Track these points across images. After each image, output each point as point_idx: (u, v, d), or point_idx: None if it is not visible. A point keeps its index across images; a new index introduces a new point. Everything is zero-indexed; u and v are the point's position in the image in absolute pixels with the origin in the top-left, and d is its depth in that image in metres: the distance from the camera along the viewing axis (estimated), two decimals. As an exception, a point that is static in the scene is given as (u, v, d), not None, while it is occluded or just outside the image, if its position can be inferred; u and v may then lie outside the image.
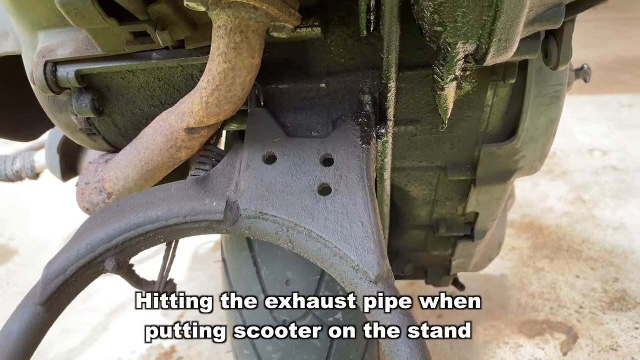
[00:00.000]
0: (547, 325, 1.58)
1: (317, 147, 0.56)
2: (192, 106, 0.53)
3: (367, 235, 0.53)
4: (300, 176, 0.55)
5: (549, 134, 0.69)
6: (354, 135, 0.55)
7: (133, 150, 0.62)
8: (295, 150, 0.56)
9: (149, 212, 0.57)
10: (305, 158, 0.55)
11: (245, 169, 0.57)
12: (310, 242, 0.54)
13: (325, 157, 0.55)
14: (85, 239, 0.60)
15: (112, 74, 0.61)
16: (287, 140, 0.57)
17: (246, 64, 0.50)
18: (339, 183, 0.54)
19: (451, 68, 0.48)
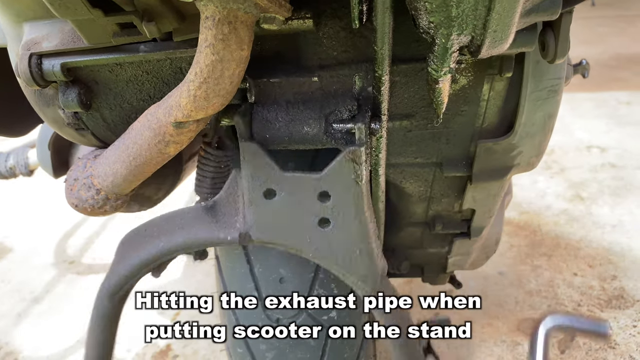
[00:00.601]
0: (544, 324, 1.57)
1: (314, 185, 0.60)
2: (180, 100, 0.52)
3: (363, 260, 0.65)
4: (300, 211, 0.62)
5: (546, 130, 0.68)
6: (348, 172, 0.59)
7: (121, 145, 0.61)
8: (292, 187, 0.61)
9: (173, 239, 0.70)
10: (303, 195, 0.61)
11: (249, 204, 0.63)
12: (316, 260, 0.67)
13: (321, 193, 0.60)
14: (126, 263, 0.77)
15: (99, 67, 0.59)
16: (283, 177, 0.61)
17: (235, 56, 0.48)
18: (336, 218, 0.62)
19: (445, 61, 0.47)
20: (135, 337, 1.66)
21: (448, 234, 0.96)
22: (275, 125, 0.60)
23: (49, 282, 1.98)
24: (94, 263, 2.06)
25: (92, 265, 2.05)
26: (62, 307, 1.83)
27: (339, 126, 0.59)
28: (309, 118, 0.59)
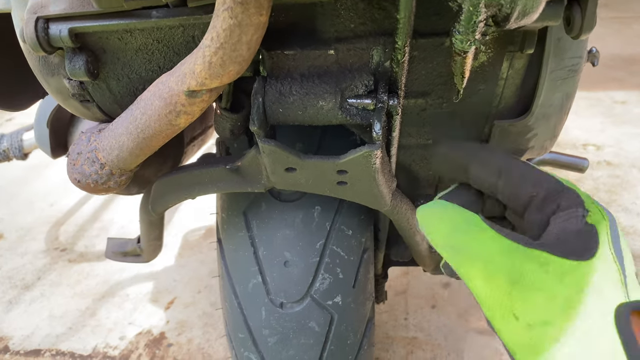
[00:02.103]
0: (542, 318, 1.56)
1: (333, 166, 0.61)
2: (194, 66, 0.50)
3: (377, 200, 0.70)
4: (320, 179, 0.65)
5: (563, 111, 0.67)
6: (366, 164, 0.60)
7: (129, 116, 0.59)
8: (312, 167, 0.62)
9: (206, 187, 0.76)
10: (323, 172, 0.63)
11: (271, 173, 0.66)
12: None
13: (340, 170, 0.62)
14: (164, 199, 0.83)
15: (108, 34, 0.57)
16: (303, 162, 0.62)
17: (253, 20, 0.46)
18: (353, 183, 0.64)
19: (472, 31, 0.45)
20: (128, 325, 1.64)
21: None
22: (290, 99, 0.58)
23: (40, 269, 1.95)
24: (86, 251, 2.03)
25: (84, 253, 2.02)
26: (53, 295, 1.81)
27: (354, 101, 0.58)
28: (324, 92, 0.58)
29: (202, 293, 1.75)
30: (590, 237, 0.42)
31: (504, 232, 0.45)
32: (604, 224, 0.43)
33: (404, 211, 0.76)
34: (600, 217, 0.44)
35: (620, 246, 0.43)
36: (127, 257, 1.02)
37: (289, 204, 0.82)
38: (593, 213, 0.44)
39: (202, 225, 2.12)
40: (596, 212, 0.44)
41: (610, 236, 0.43)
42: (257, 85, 0.58)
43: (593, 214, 0.44)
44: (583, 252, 0.41)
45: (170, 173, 0.76)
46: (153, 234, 0.93)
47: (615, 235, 0.43)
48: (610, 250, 0.42)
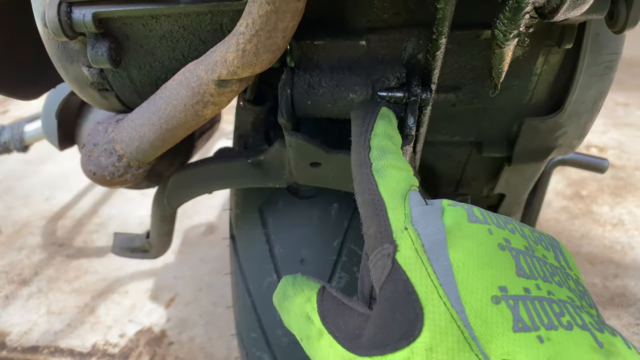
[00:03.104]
0: (547, 319, 1.55)
1: None
2: (227, 54, 0.47)
3: None
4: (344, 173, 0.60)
5: (594, 109, 0.65)
6: None
7: (152, 106, 0.56)
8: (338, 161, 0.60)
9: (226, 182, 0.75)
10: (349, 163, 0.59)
11: (295, 168, 0.63)
12: None
13: None
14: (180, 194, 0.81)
15: (132, 20, 0.54)
16: (329, 156, 0.59)
17: (291, 7, 0.44)
18: None
19: (517, 22, 0.44)
20: (128, 322, 1.61)
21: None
22: (319, 91, 0.56)
23: (38, 264, 1.91)
24: (84, 246, 2.00)
25: (82, 249, 1.99)
26: (51, 291, 1.77)
27: (386, 94, 0.55)
28: (354, 84, 0.56)
29: (203, 291, 1.72)
30: (406, 292, 0.32)
31: (341, 331, 0.35)
32: (412, 253, 0.33)
33: None
34: (409, 247, 0.34)
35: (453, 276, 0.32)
36: (135, 253, 0.99)
37: (306, 200, 0.80)
38: (402, 243, 0.34)
39: (203, 221, 2.09)
40: (405, 239, 0.34)
41: (433, 270, 0.32)
42: (285, 77, 0.56)
43: (402, 244, 0.34)
44: (407, 329, 0.31)
45: (188, 167, 0.74)
46: (164, 229, 0.91)
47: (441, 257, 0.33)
48: (440, 300, 0.30)
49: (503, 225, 0.37)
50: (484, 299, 0.30)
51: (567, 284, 0.34)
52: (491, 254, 0.33)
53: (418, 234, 0.34)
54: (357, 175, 0.43)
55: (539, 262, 0.35)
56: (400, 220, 0.36)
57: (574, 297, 0.33)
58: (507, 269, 0.32)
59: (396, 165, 0.43)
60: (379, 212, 0.37)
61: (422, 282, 0.31)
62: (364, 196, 0.40)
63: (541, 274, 0.33)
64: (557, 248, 0.39)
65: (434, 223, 0.35)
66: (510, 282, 0.31)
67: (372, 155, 0.43)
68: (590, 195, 2.17)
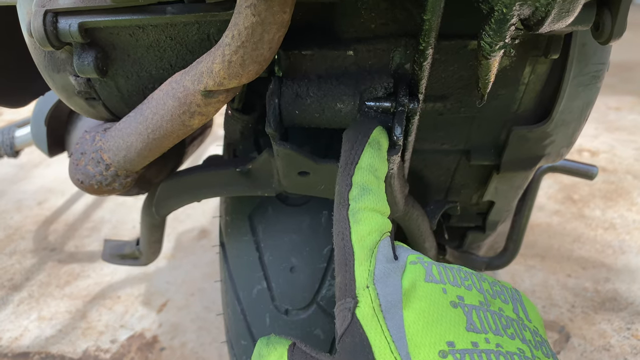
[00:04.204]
0: (539, 324, 1.56)
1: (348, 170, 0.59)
2: (213, 65, 0.47)
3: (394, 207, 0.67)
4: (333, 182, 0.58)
5: (582, 118, 0.65)
6: None
7: (139, 116, 0.56)
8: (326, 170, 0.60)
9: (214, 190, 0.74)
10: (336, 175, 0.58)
11: (283, 177, 0.64)
12: None
13: None
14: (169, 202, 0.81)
15: (119, 30, 0.54)
16: (318, 166, 0.60)
17: (277, 19, 0.44)
18: None
19: (502, 34, 0.44)
20: (120, 328, 1.61)
21: (461, 227, 0.93)
22: (306, 100, 0.56)
23: (29, 269, 1.91)
24: (76, 251, 1.99)
25: (74, 253, 1.98)
26: (43, 296, 1.77)
27: (373, 104, 0.56)
28: (342, 94, 0.56)
29: (195, 296, 1.72)
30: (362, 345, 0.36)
31: None
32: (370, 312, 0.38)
33: (415, 217, 0.74)
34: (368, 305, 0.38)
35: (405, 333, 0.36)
36: (125, 260, 0.99)
37: (296, 208, 0.80)
38: (362, 301, 0.39)
39: (195, 226, 2.09)
40: (366, 297, 0.39)
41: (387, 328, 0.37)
42: (273, 86, 0.56)
43: (362, 302, 0.39)
44: None
45: (177, 175, 0.74)
46: (154, 237, 0.90)
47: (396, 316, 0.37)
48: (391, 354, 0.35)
49: (460, 282, 0.40)
50: (432, 354, 0.33)
51: (521, 336, 0.37)
52: (442, 311, 0.36)
53: (377, 294, 0.39)
54: (336, 213, 0.47)
55: (493, 315, 0.38)
56: (363, 277, 0.40)
57: (526, 348, 0.36)
58: (457, 325, 0.36)
59: (373, 208, 0.45)
60: (347, 263, 0.42)
61: (377, 338, 0.36)
62: (338, 241, 0.44)
63: (493, 328, 0.36)
64: (517, 300, 0.42)
65: (393, 283, 0.39)
66: (459, 337, 0.35)
67: (351, 194, 0.46)
68: (582, 199, 2.18)
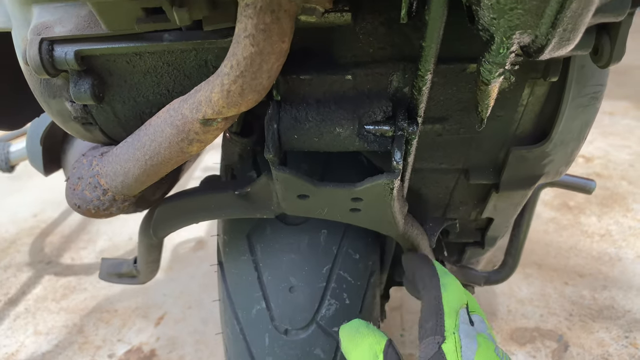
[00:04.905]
0: (537, 333, 1.56)
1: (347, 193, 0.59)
2: (212, 94, 0.47)
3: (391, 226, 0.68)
4: (333, 205, 0.63)
5: (580, 138, 0.65)
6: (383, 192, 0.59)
7: (136, 142, 0.56)
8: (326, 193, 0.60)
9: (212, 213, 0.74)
10: (337, 198, 0.61)
11: (282, 200, 0.64)
12: None
13: (355, 197, 0.60)
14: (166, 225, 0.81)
15: (116, 57, 0.54)
16: (317, 189, 0.60)
17: (275, 48, 0.44)
18: (367, 210, 0.63)
19: (502, 61, 0.44)
20: (117, 342, 1.60)
21: (460, 242, 0.93)
22: (305, 125, 0.56)
23: (25, 282, 1.89)
24: (73, 263, 1.98)
25: (71, 266, 1.97)
26: (39, 310, 1.75)
27: (372, 128, 0.55)
28: (341, 118, 0.55)
29: (193, 309, 1.71)
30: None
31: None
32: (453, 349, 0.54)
33: (414, 236, 0.74)
34: (452, 344, 0.54)
35: None
36: (123, 279, 0.98)
37: (294, 227, 0.80)
38: (448, 340, 0.55)
39: (193, 237, 2.08)
40: (451, 340, 0.55)
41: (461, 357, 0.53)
42: (272, 111, 0.56)
43: (448, 341, 0.55)
44: None
45: (174, 198, 0.74)
46: (152, 257, 0.90)
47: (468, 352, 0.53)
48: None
49: None
50: None
51: None
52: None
53: (461, 339, 0.55)
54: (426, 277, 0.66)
55: None
56: (451, 326, 0.57)
57: None
58: None
59: None
60: (439, 314, 0.58)
61: None
62: (430, 299, 0.61)
63: None
64: None
65: (471, 339, 0.55)
66: None
67: None
68: (578, 206, 2.19)
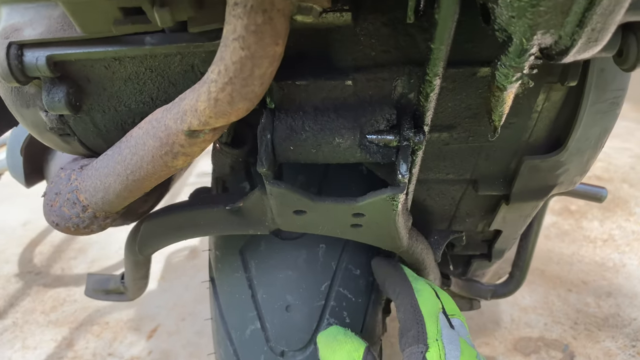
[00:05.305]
0: (542, 343, 1.51)
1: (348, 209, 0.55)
2: (197, 104, 0.42)
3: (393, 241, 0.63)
4: (332, 221, 0.58)
5: (598, 146, 0.61)
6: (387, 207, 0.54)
7: (117, 156, 0.51)
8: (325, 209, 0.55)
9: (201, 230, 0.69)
10: (336, 213, 0.56)
11: (278, 216, 0.59)
12: None
13: (356, 212, 0.55)
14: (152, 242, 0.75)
15: (93, 62, 0.49)
16: (315, 204, 0.55)
17: (268, 52, 0.39)
18: (369, 225, 0.58)
19: (520, 64, 0.39)
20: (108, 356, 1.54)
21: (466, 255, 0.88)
22: (302, 135, 0.51)
23: (13, 294, 1.84)
24: (63, 274, 1.92)
25: (60, 277, 1.91)
26: (27, 323, 1.70)
27: (375, 137, 0.51)
28: (341, 127, 0.51)
29: (186, 320, 1.66)
30: None
31: None
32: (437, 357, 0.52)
33: (419, 251, 0.69)
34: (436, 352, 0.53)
35: None
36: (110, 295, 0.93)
37: (290, 242, 0.75)
38: (432, 349, 0.53)
39: (186, 245, 2.03)
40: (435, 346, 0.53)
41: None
42: (265, 120, 0.51)
43: (432, 349, 0.53)
44: None
45: (161, 214, 0.69)
46: (139, 274, 0.85)
47: None
48: None
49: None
50: None
51: None
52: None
53: (444, 346, 0.53)
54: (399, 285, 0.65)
55: None
56: (433, 332, 0.55)
57: None
58: None
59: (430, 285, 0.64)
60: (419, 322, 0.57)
61: None
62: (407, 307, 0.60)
63: None
64: None
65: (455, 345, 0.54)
66: None
67: None
68: (580, 210, 2.15)
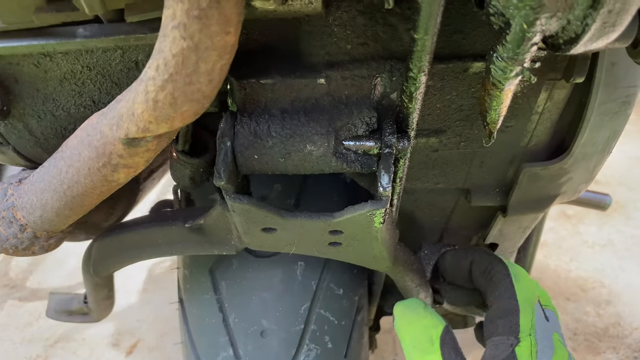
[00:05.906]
0: (540, 355, 1.44)
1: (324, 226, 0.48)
2: (134, 106, 0.35)
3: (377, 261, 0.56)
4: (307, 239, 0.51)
5: (605, 151, 0.54)
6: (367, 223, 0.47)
7: (52, 168, 0.44)
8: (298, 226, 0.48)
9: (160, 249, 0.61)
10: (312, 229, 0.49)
11: (244, 234, 0.53)
12: None
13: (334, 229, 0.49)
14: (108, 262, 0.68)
15: (19, 59, 0.42)
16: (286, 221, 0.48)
17: (217, 42, 0.32)
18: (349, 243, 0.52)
19: (520, 56, 0.33)
20: (84, 376, 1.47)
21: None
22: (268, 142, 0.44)
23: (-13, 310, 1.75)
24: (39, 287, 1.84)
25: (37, 290, 1.83)
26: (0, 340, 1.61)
27: (353, 144, 0.44)
28: (313, 133, 0.44)
29: (168, 335, 1.58)
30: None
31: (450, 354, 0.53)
32: (527, 353, 0.50)
33: (408, 269, 0.62)
34: (527, 348, 0.51)
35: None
36: (74, 317, 0.86)
37: (265, 259, 0.68)
38: (523, 343, 0.51)
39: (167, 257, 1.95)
40: (526, 343, 0.51)
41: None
42: (225, 125, 0.44)
43: (523, 344, 0.51)
44: None
45: (113, 232, 0.61)
46: (101, 294, 0.78)
47: None
48: None
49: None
50: None
51: None
52: None
53: (537, 343, 0.51)
54: None
55: None
56: (527, 325, 0.52)
57: None
58: None
59: None
60: (514, 312, 0.54)
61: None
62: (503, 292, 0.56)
63: None
64: None
65: (548, 341, 0.52)
66: None
67: None
68: (577, 214, 2.08)
